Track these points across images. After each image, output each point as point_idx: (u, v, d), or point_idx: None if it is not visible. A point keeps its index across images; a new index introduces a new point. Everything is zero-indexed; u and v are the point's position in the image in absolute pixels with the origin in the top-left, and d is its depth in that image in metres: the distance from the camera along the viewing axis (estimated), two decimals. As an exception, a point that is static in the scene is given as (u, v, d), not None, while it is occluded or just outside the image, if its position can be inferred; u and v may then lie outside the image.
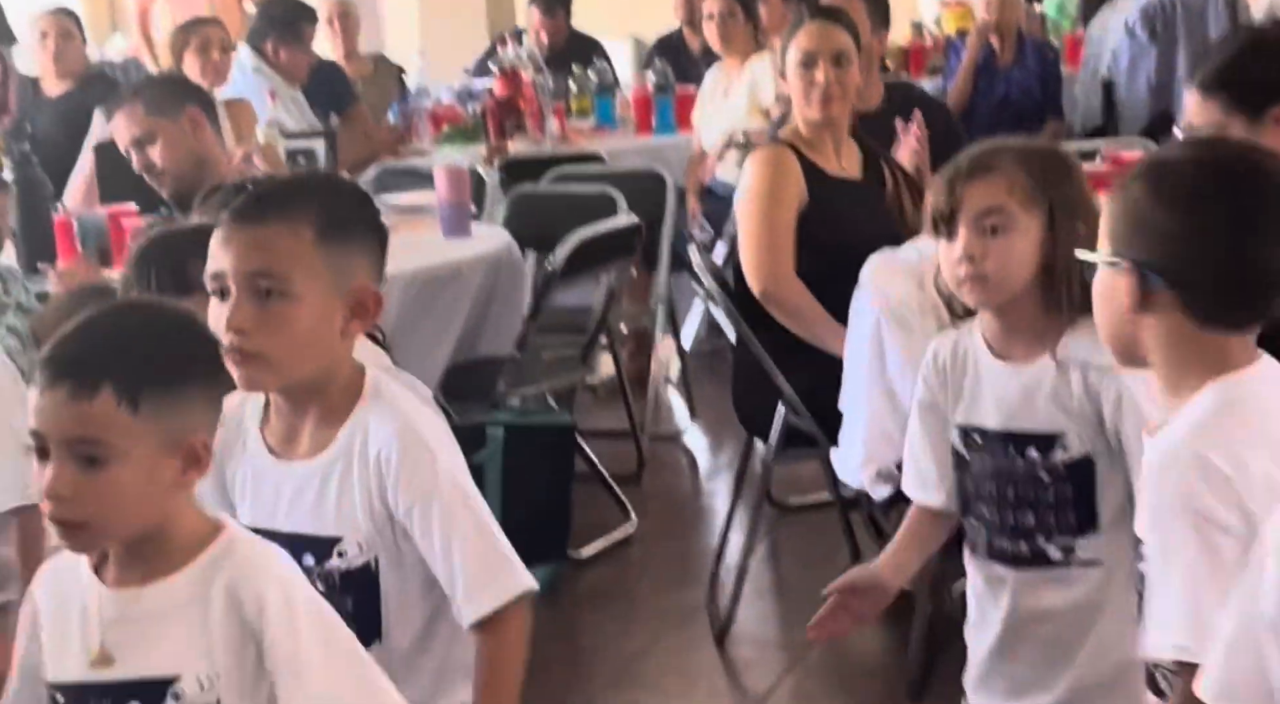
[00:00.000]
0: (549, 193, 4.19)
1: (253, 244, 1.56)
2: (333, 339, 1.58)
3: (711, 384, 4.90)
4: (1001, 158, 1.81)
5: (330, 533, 1.59)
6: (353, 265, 1.59)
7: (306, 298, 1.55)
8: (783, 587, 3.37)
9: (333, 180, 1.72)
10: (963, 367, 1.88)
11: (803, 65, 3.00)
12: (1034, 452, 1.82)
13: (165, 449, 1.36)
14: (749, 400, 3.15)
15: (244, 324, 1.54)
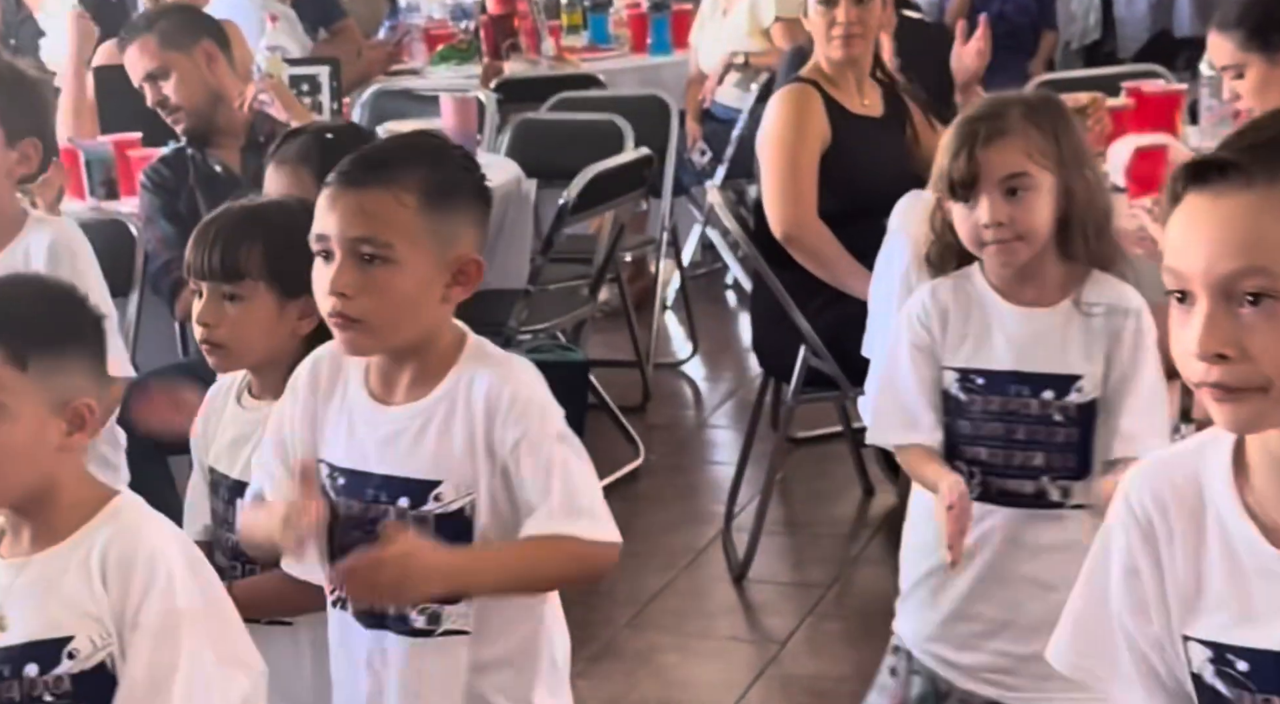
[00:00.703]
0: (554, 121, 4.12)
1: (357, 209, 1.53)
2: (434, 305, 1.56)
3: (709, 307, 4.91)
4: (1011, 118, 1.81)
5: (426, 476, 1.57)
6: (456, 233, 1.56)
7: (409, 264, 1.53)
8: (795, 523, 3.38)
9: (440, 145, 1.63)
10: (966, 311, 1.88)
11: (824, 4, 2.95)
12: (1049, 393, 1.84)
13: (52, 410, 1.42)
14: (769, 341, 3.14)
15: (346, 288, 1.52)
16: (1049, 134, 1.80)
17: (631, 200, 3.71)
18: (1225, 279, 1.08)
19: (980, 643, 1.90)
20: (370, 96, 4.38)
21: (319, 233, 1.56)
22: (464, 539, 1.57)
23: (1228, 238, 1.08)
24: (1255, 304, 1.07)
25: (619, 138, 3.91)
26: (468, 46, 4.96)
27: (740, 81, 4.74)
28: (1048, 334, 1.84)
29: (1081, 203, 1.81)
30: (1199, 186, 1.11)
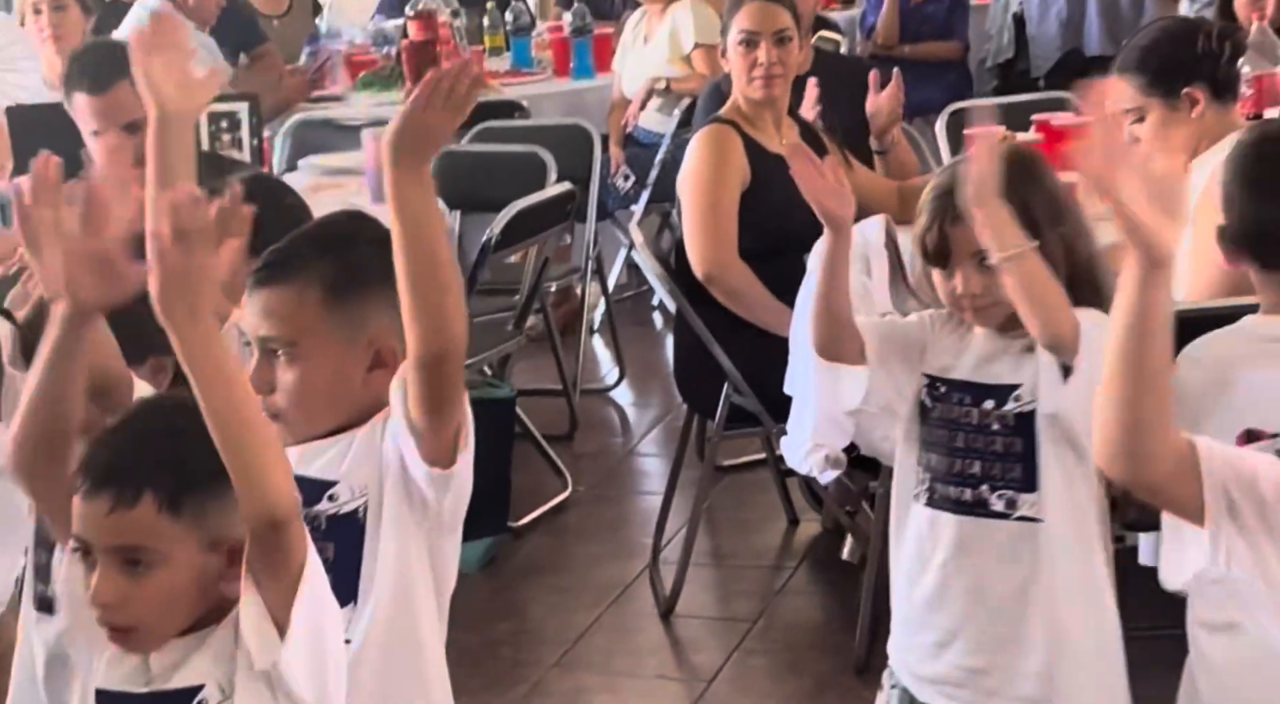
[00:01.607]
0: (477, 152, 4.14)
1: (263, 309, 1.57)
2: (354, 391, 1.59)
3: (636, 329, 4.94)
4: None
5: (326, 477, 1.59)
6: (367, 318, 1.58)
7: (316, 358, 1.56)
8: (721, 555, 3.42)
9: (349, 232, 1.64)
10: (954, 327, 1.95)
11: (744, 44, 3.00)
12: (990, 402, 1.90)
13: (208, 550, 1.38)
14: (692, 377, 3.17)
15: (261, 386, 1.55)
16: (1018, 204, 1.81)
17: (555, 234, 3.73)
18: None
19: (938, 653, 1.94)
20: (292, 126, 4.37)
21: (244, 329, 1.60)
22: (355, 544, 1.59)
23: None
24: None
25: (542, 169, 3.93)
26: (390, 73, 4.94)
27: (662, 107, 4.77)
28: (1002, 347, 1.90)
29: (1055, 261, 1.83)
30: None
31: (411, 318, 1.49)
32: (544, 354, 4.21)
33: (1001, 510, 1.89)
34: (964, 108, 4.11)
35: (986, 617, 1.91)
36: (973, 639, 1.91)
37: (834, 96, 3.45)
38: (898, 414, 1.97)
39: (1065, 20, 5.63)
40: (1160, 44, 2.46)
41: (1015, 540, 1.88)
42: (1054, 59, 5.66)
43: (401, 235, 1.49)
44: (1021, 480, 1.88)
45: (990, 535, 1.89)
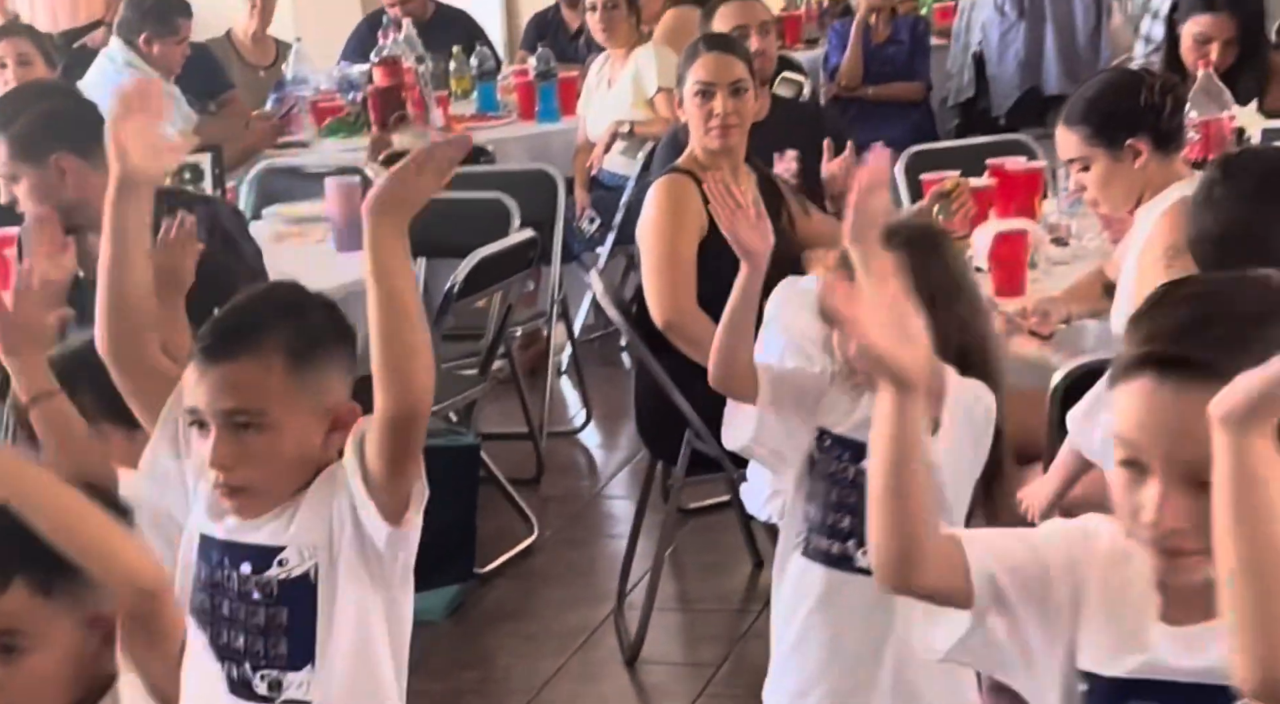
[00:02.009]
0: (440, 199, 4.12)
1: (224, 383, 1.57)
2: (315, 455, 1.61)
3: (603, 370, 4.96)
4: None
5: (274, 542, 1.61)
6: (327, 382, 1.61)
7: (284, 426, 1.57)
8: (687, 599, 3.44)
9: (297, 298, 1.66)
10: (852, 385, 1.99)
11: (700, 95, 3.04)
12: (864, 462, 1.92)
13: (82, 627, 1.36)
14: (653, 423, 3.20)
15: (225, 460, 1.56)
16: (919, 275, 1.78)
17: (518, 281, 3.76)
18: (1187, 466, 1.18)
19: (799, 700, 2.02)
20: (257, 175, 4.38)
21: (189, 406, 1.59)
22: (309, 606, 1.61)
23: (1191, 429, 1.16)
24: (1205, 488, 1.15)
25: (506, 215, 3.96)
26: (355, 118, 4.97)
27: (626, 150, 4.82)
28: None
29: (950, 338, 1.87)
30: (1158, 374, 1.19)
31: (382, 375, 1.53)
32: (510, 397, 4.23)
33: (865, 566, 1.89)
34: (922, 151, 4.18)
35: (841, 669, 1.98)
36: (829, 689, 1.99)
37: (791, 142, 3.50)
38: (786, 461, 2.02)
39: (1023, 60, 5.72)
40: (1105, 96, 2.52)
41: (877, 597, 1.87)
42: (1014, 97, 5.74)
43: (376, 292, 1.53)
44: None
45: (854, 590, 1.95)
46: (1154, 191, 2.49)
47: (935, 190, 3.10)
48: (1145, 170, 2.48)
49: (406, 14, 5.48)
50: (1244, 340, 1.18)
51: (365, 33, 5.76)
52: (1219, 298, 1.24)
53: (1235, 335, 1.19)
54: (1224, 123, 3.17)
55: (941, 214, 3.09)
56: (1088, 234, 3.16)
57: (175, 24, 4.74)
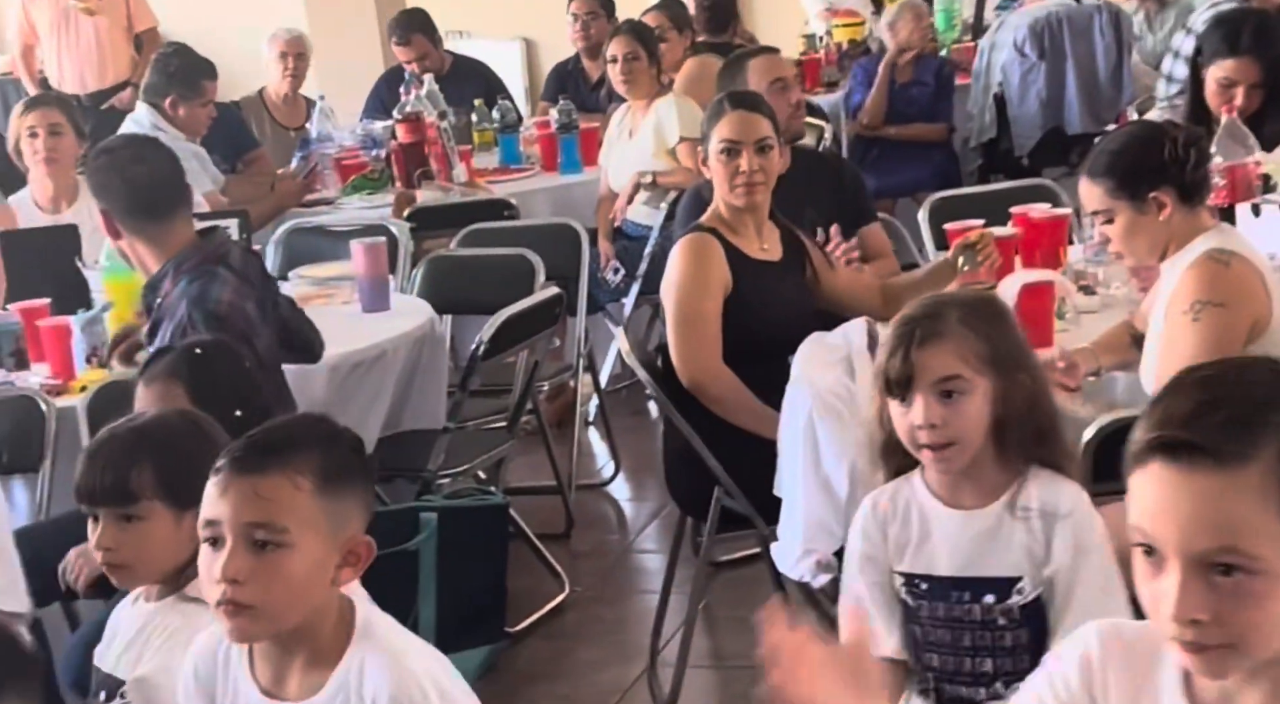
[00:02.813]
0: (465, 256, 4.19)
1: (252, 494, 1.55)
2: (324, 588, 1.59)
3: (631, 420, 4.96)
4: (947, 321, 1.86)
5: None
6: (348, 515, 1.60)
7: (302, 548, 1.56)
8: (720, 655, 3.42)
9: (331, 430, 1.67)
10: (905, 516, 1.92)
11: (726, 153, 3.05)
12: (990, 597, 1.86)
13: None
14: (681, 480, 3.19)
15: (238, 575, 1.54)
16: (984, 337, 1.85)
17: (544, 338, 3.77)
18: (1201, 554, 1.16)
19: None
20: (283, 234, 4.42)
21: (209, 518, 1.56)
22: None
23: (1201, 516, 1.16)
24: (1226, 575, 1.16)
25: (530, 271, 3.98)
26: (379, 175, 5.01)
27: (649, 200, 4.83)
28: (984, 537, 1.86)
29: (1018, 406, 1.84)
30: (1168, 460, 1.17)
31: None
32: (537, 450, 4.23)
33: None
34: (946, 197, 4.17)
35: None
36: None
37: (813, 193, 3.50)
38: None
39: (1045, 100, 5.72)
40: (1128, 149, 2.51)
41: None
42: (1036, 138, 5.74)
43: None
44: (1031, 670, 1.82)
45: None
46: (1179, 243, 2.48)
47: (960, 243, 3.09)
48: (1170, 223, 2.47)
49: (425, 70, 5.52)
50: (1250, 424, 1.17)
51: (385, 89, 5.81)
52: (1227, 382, 1.22)
53: (1241, 419, 1.17)
54: (1250, 168, 3.15)
55: (967, 265, 3.08)
56: (1115, 282, 3.14)
57: (201, 87, 4.79)
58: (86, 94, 6.07)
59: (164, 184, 2.81)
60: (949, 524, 1.89)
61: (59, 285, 3.41)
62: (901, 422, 1.88)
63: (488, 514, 3.35)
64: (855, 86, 5.97)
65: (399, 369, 3.51)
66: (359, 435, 1.68)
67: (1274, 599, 1.15)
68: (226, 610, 1.55)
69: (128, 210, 2.80)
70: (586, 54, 5.95)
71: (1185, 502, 1.16)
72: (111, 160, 2.87)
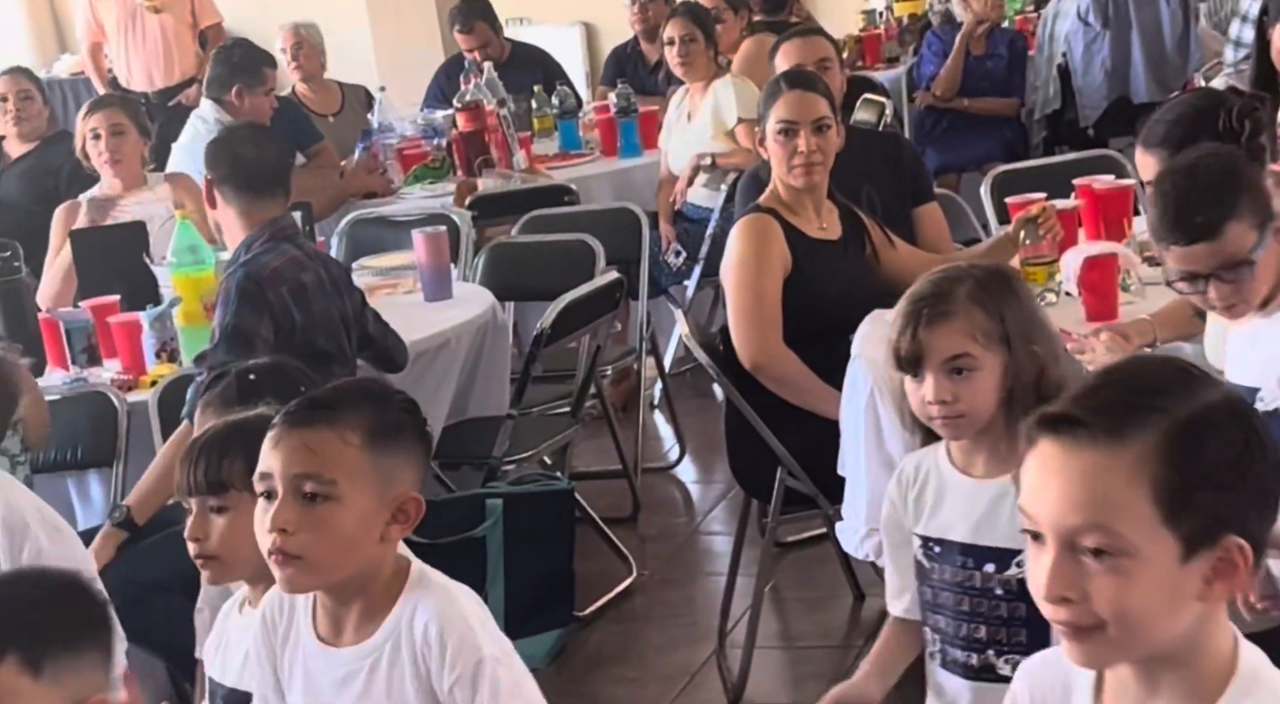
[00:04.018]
0: (526, 243, 4.20)
1: (301, 446, 1.60)
2: (373, 544, 1.62)
3: (696, 401, 4.95)
4: (956, 299, 1.87)
5: None
6: (398, 472, 1.63)
7: (350, 501, 1.59)
8: (789, 636, 3.42)
9: (384, 390, 1.72)
10: (924, 481, 1.95)
11: (783, 133, 3.03)
12: (990, 566, 1.88)
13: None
14: (745, 462, 3.19)
15: (286, 524, 1.58)
16: (994, 313, 1.85)
17: (606, 322, 3.78)
18: (1070, 531, 1.17)
19: None
20: (346, 225, 4.46)
21: (262, 471, 1.61)
22: None
23: (1074, 493, 1.17)
24: (1096, 557, 1.16)
25: (591, 256, 3.99)
26: (441, 164, 5.04)
27: (709, 182, 4.82)
28: (989, 507, 1.88)
29: (1027, 378, 1.85)
30: (1052, 436, 1.19)
31: None
32: (603, 434, 4.24)
33: (1009, 675, 1.78)
34: (1008, 171, 4.13)
35: None
36: None
37: (870, 171, 3.47)
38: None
39: (1110, 69, 5.63)
40: (1183, 119, 2.48)
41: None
42: (1101, 108, 5.66)
43: None
44: (1027, 644, 1.84)
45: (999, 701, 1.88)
46: (1240, 214, 2.43)
47: (1021, 216, 3.06)
48: (1226, 192, 2.42)
49: (485, 58, 5.55)
50: (1132, 406, 1.17)
51: (445, 78, 5.84)
52: (1125, 370, 1.24)
53: (1124, 401, 1.18)
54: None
55: (1029, 239, 3.05)
56: (1181, 252, 3.09)
57: (263, 74, 4.83)
58: (154, 91, 6.16)
59: (267, 167, 3.07)
60: (960, 491, 1.91)
61: (128, 282, 3.47)
62: (914, 396, 1.90)
63: (553, 499, 3.37)
64: (927, 57, 5.91)
65: (462, 357, 3.54)
66: (412, 398, 1.71)
67: (1143, 583, 1.15)
68: (277, 560, 1.59)
69: (228, 180, 3.03)
70: (645, 37, 5.95)
71: (1061, 478, 1.17)
72: (230, 135, 3.26)
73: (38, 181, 4.98)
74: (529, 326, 3.85)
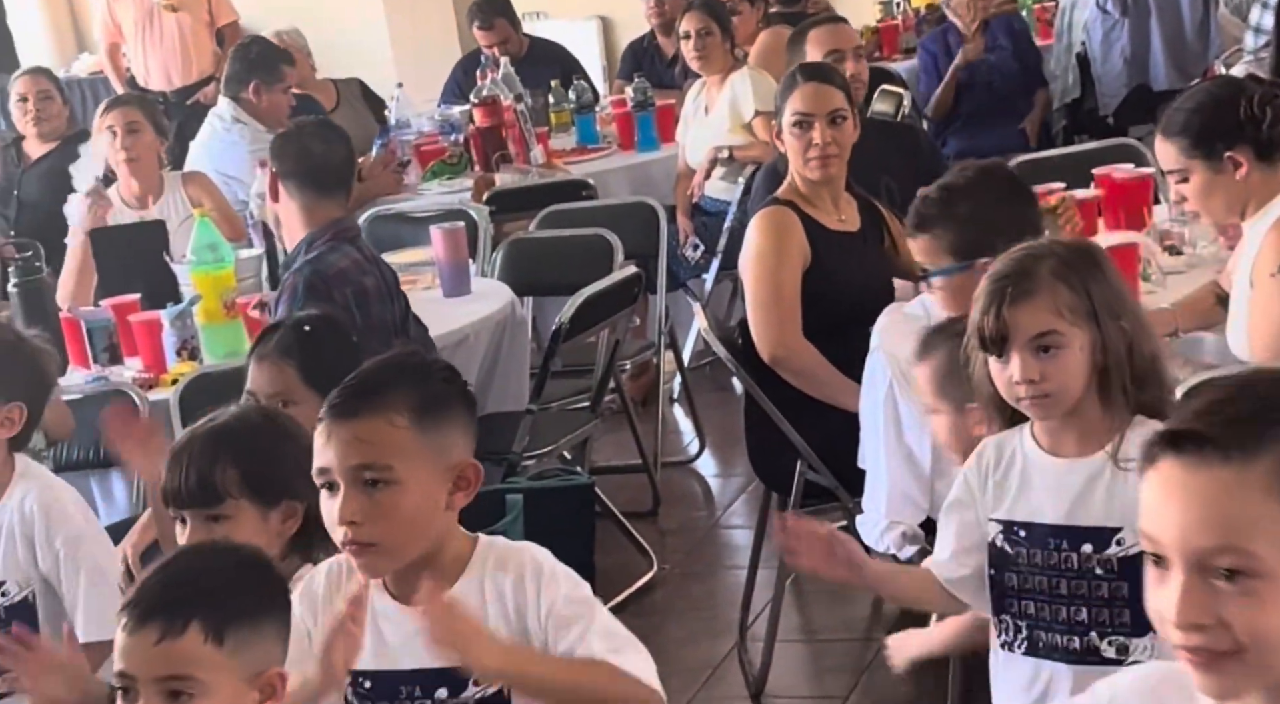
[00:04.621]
0: (544, 238, 4.20)
1: (352, 438, 1.61)
2: (439, 515, 1.65)
3: (715, 395, 4.95)
4: (1039, 275, 1.83)
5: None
6: (450, 442, 1.65)
7: (410, 482, 1.61)
8: (810, 629, 3.42)
9: (421, 363, 1.71)
10: (1008, 464, 1.90)
11: (799, 126, 3.03)
12: (1089, 546, 1.84)
13: (248, 682, 1.46)
14: (764, 454, 3.18)
15: (355, 516, 1.60)
16: (1079, 289, 1.81)
17: (625, 317, 3.78)
18: (1201, 554, 1.11)
19: None
20: (365, 222, 4.45)
21: (320, 466, 1.63)
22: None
23: (1203, 514, 1.11)
24: (1230, 580, 1.11)
25: (609, 251, 3.99)
26: (458, 160, 5.04)
27: (727, 175, 4.82)
28: (1084, 486, 1.84)
29: (1117, 354, 1.81)
30: (1175, 454, 1.13)
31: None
32: (623, 428, 4.24)
33: (1114, 657, 1.82)
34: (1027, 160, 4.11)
35: None
36: None
37: (888, 162, 3.47)
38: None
39: (1130, 57, 5.59)
40: (1203, 107, 2.46)
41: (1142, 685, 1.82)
42: (1121, 96, 5.62)
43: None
44: (1130, 624, 1.82)
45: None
46: (1259, 202, 2.42)
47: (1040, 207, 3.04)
48: (1247, 181, 2.42)
49: (504, 53, 5.54)
50: (1258, 420, 1.12)
51: (462, 74, 5.85)
52: (1245, 383, 1.17)
53: (1250, 414, 1.13)
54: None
55: (1048, 229, 3.03)
56: (1201, 241, 3.08)
57: (280, 71, 4.85)
58: (172, 90, 6.18)
59: (335, 165, 3.05)
60: (1050, 472, 1.87)
61: (148, 280, 3.49)
62: (1000, 377, 1.85)
63: (574, 494, 3.36)
64: (922, 70, 5.82)
65: (481, 352, 3.54)
66: (450, 364, 1.72)
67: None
68: (352, 550, 1.62)
69: (293, 174, 3.00)
70: (661, 30, 5.94)
71: (1188, 498, 1.12)
72: (299, 129, 3.20)
73: (58, 182, 5.00)
74: (548, 321, 3.85)
